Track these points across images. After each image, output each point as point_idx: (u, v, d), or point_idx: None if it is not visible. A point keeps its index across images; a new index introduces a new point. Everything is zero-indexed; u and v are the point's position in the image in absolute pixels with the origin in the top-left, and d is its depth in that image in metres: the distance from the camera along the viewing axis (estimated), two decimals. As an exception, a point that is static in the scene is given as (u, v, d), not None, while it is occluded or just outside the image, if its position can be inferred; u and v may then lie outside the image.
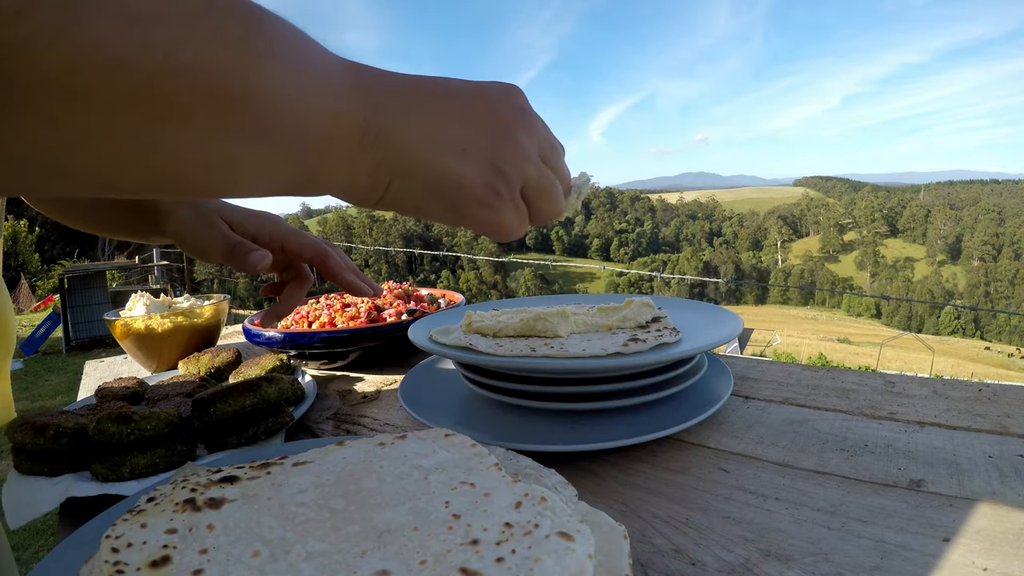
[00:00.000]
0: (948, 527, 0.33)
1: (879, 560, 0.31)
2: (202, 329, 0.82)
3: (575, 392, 0.49)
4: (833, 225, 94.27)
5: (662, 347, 0.47)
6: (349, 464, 0.33)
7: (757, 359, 0.69)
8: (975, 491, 0.36)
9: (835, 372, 0.62)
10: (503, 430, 0.48)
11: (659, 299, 0.65)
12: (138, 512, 0.28)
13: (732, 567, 0.31)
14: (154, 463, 0.44)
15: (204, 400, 0.47)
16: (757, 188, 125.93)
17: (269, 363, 0.66)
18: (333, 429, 0.56)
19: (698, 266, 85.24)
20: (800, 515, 0.35)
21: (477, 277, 73.28)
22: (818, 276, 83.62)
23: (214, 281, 17.50)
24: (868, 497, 0.37)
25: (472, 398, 0.56)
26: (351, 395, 0.66)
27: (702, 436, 0.47)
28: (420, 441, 0.35)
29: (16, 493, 0.43)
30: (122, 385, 0.62)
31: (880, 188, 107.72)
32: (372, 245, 18.79)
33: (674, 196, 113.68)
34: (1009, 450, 0.41)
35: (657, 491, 0.40)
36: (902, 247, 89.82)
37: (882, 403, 0.52)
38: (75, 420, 0.47)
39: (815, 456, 0.43)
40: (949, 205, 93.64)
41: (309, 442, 0.42)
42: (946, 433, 0.45)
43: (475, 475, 0.30)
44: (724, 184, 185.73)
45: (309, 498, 0.29)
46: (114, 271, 8.35)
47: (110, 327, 0.78)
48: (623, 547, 0.27)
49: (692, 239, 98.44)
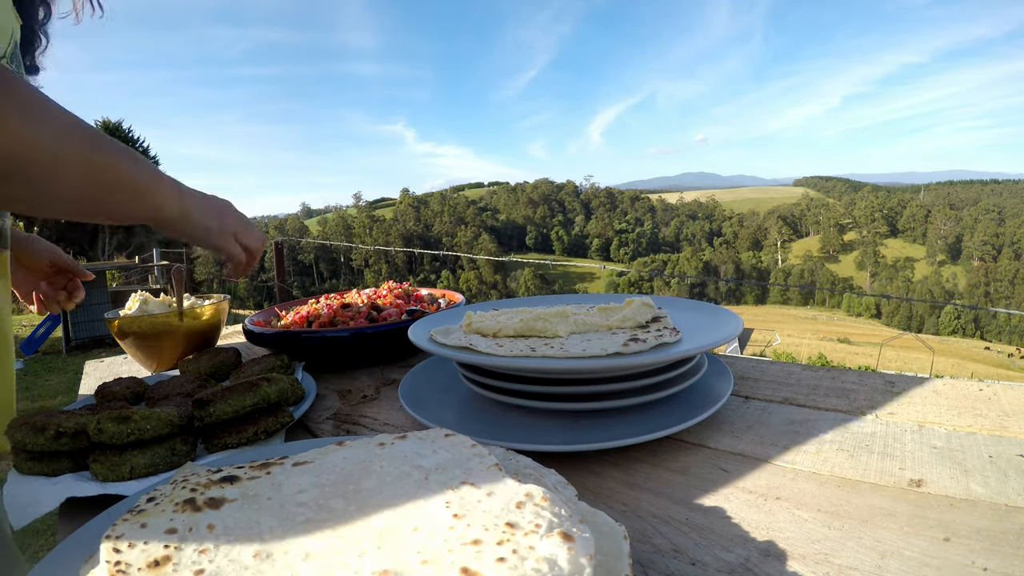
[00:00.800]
0: (948, 527, 0.33)
1: (879, 560, 0.31)
2: (202, 329, 0.82)
3: (575, 392, 0.49)
4: (833, 225, 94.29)
5: (662, 347, 0.47)
6: (349, 464, 0.33)
7: (757, 359, 0.69)
8: (975, 491, 0.36)
9: (835, 372, 0.62)
10: (503, 430, 0.48)
11: (659, 299, 0.65)
12: (138, 512, 0.28)
13: (732, 567, 0.31)
14: (154, 463, 0.44)
15: (204, 400, 0.47)
16: (757, 188, 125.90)
17: (269, 363, 0.66)
18: (333, 429, 0.56)
19: (698, 266, 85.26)
20: (800, 515, 0.35)
21: (477, 277, 73.26)
22: (818, 276, 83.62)
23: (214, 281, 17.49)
24: (868, 497, 0.37)
25: (472, 398, 0.56)
26: (351, 395, 0.66)
27: (702, 436, 0.47)
28: (420, 441, 0.35)
29: (16, 493, 0.43)
30: (122, 385, 0.62)
31: (880, 188, 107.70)
32: (372, 245, 18.77)
33: (674, 196, 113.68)
34: (1009, 450, 0.41)
35: (657, 491, 0.40)
36: (902, 247, 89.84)
37: (882, 403, 0.52)
38: (75, 420, 0.47)
39: (815, 456, 0.43)
40: (949, 205, 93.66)
41: (309, 442, 0.42)
42: (946, 433, 0.45)
43: (475, 475, 0.30)
44: (724, 184, 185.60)
45: (309, 498, 0.29)
46: (114, 271, 8.35)
47: (110, 327, 0.78)
48: (623, 547, 0.27)
49: (692, 239, 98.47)
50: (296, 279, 73.48)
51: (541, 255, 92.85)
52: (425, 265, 71.81)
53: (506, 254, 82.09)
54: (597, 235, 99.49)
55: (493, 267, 76.86)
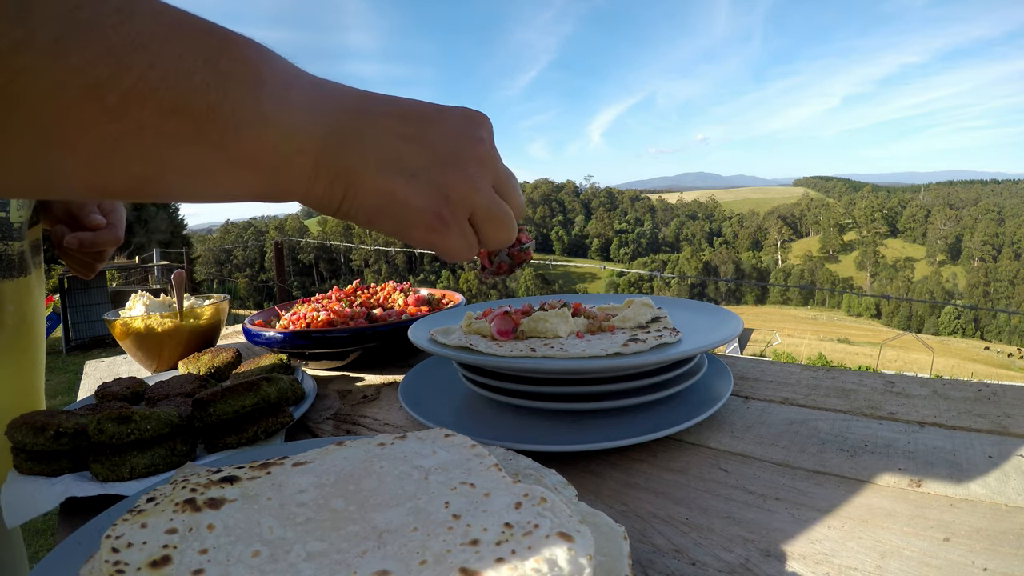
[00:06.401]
0: (948, 527, 0.33)
1: (879, 560, 0.31)
2: (202, 329, 0.82)
3: (575, 392, 0.49)
4: (833, 225, 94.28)
5: (662, 347, 0.47)
6: (349, 464, 0.33)
7: (757, 359, 0.69)
8: (975, 491, 0.36)
9: (835, 372, 0.62)
10: (503, 430, 0.48)
11: (659, 299, 0.65)
12: (138, 512, 0.28)
13: (732, 567, 0.31)
14: (154, 463, 0.44)
15: (204, 400, 0.47)
16: (757, 188, 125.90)
17: (269, 363, 0.66)
18: (333, 429, 0.56)
19: (698, 266, 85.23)
20: (800, 515, 0.35)
21: (477, 277, 73.19)
22: (818, 276, 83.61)
23: (214, 281, 17.50)
24: (868, 497, 0.37)
25: (472, 398, 0.56)
26: (351, 395, 0.66)
27: (702, 436, 0.47)
28: (420, 441, 0.35)
29: (16, 493, 0.43)
30: (122, 385, 0.62)
31: (880, 188, 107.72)
32: (372, 245, 18.79)
33: (674, 196, 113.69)
34: (1009, 450, 0.41)
35: (657, 491, 0.40)
36: (902, 247, 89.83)
37: (882, 403, 0.52)
38: (75, 420, 0.47)
39: (815, 456, 0.43)
40: (949, 205, 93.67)
41: (309, 442, 0.42)
42: (946, 433, 0.45)
43: (475, 475, 0.30)
44: (724, 184, 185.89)
45: (309, 498, 0.29)
46: (114, 271, 8.35)
47: (110, 327, 0.78)
48: (623, 548, 0.27)
49: (692, 239, 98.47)
50: (296, 279, 73.49)
51: (541, 255, 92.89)
52: (425, 265, 71.79)
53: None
54: (597, 235, 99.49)
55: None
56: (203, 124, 0.26)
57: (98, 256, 0.69)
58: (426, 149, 0.32)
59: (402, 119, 0.32)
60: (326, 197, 0.31)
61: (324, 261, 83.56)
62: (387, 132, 0.31)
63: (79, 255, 0.68)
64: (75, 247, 0.65)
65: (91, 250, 0.66)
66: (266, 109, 0.27)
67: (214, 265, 23.30)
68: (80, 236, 0.65)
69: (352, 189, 0.31)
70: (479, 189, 0.34)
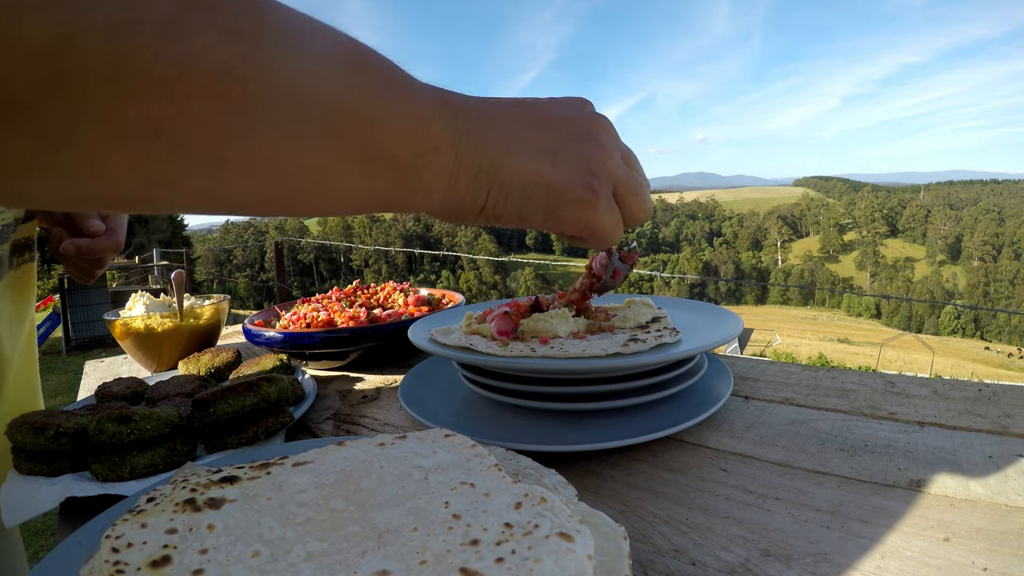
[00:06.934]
0: (948, 527, 0.33)
1: (879, 560, 0.31)
2: (202, 329, 0.82)
3: (575, 392, 0.49)
4: (833, 225, 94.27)
5: (662, 347, 0.47)
6: (349, 464, 0.33)
7: (757, 359, 0.69)
8: (975, 491, 0.36)
9: (835, 372, 0.62)
10: (503, 430, 0.48)
11: (659, 299, 0.65)
12: (138, 512, 0.28)
13: (732, 567, 0.31)
14: (154, 463, 0.44)
15: (204, 400, 0.47)
16: (757, 188, 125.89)
17: (269, 363, 0.66)
18: (333, 429, 0.56)
19: (698, 266, 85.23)
20: (800, 515, 0.35)
21: (477, 277, 73.24)
22: (818, 276, 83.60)
23: (214, 281, 17.51)
24: (868, 497, 0.37)
25: (472, 398, 0.56)
26: (351, 395, 0.66)
27: (702, 436, 0.47)
28: (420, 441, 0.35)
29: (15, 493, 0.43)
30: (122, 385, 0.62)
31: (880, 188, 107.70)
32: (372, 245, 18.77)
33: (674, 196, 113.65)
34: (1009, 450, 0.41)
35: (657, 491, 0.40)
36: (902, 247, 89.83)
37: (882, 403, 0.52)
38: (75, 420, 0.47)
39: (815, 456, 0.43)
40: (949, 205, 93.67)
41: (309, 442, 0.42)
42: (946, 433, 0.45)
43: (475, 475, 0.30)
44: (724, 184, 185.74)
45: (309, 498, 0.29)
46: (114, 271, 8.35)
47: (110, 327, 0.78)
48: (623, 548, 0.27)
49: (692, 239, 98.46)
50: (296, 279, 73.48)
51: (541, 255, 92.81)
52: (425, 265, 71.81)
53: (506, 254, 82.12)
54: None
55: (493, 267, 76.83)
56: (333, 122, 0.24)
57: (97, 263, 0.68)
58: (554, 131, 0.32)
59: (520, 107, 0.32)
60: (471, 193, 0.30)
61: (324, 261, 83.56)
62: (513, 120, 0.31)
63: (77, 261, 0.67)
64: (72, 253, 0.63)
65: (89, 257, 0.65)
66: (400, 105, 0.26)
67: (214, 265, 23.29)
68: (78, 243, 0.63)
69: (497, 180, 0.30)
70: (615, 160, 0.33)
